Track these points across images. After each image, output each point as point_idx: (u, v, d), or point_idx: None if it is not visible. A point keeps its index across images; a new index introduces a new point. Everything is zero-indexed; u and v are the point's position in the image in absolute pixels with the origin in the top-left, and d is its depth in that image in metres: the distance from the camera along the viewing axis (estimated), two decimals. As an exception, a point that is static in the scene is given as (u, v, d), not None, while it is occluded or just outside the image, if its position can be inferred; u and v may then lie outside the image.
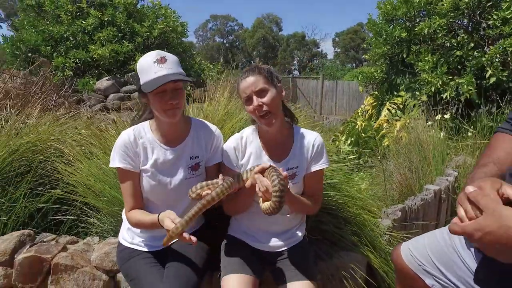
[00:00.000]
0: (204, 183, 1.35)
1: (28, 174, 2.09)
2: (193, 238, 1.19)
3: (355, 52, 37.54)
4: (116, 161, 1.40)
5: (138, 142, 1.43)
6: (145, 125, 1.48)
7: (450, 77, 4.65)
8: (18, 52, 8.21)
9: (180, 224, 1.19)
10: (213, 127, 1.55)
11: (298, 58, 40.66)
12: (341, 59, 38.64)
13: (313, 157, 1.47)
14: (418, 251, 1.27)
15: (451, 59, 4.72)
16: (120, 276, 1.64)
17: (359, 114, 6.58)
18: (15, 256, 1.73)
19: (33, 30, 8.37)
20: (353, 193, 1.95)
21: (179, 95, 1.36)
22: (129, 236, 1.50)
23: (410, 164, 3.28)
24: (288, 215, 1.49)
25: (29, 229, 1.90)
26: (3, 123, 2.54)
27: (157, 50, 1.39)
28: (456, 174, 3.11)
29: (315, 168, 1.46)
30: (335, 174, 1.93)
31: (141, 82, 1.36)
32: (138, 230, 1.49)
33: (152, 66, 1.33)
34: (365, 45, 6.49)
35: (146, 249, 1.47)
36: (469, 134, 3.96)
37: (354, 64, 36.26)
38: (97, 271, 1.65)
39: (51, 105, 3.97)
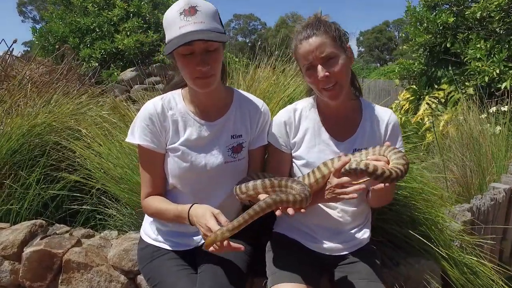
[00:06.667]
0: (259, 182, 1.03)
1: (42, 157, 1.87)
2: (240, 246, 0.95)
3: (380, 51, 36.58)
4: (136, 136, 1.13)
5: (167, 115, 1.15)
6: (177, 93, 1.19)
7: (510, 65, 4.18)
8: (46, 44, 8.27)
9: (232, 226, 0.92)
10: (260, 102, 1.25)
11: (321, 57, 39.98)
12: (364, 59, 37.75)
13: (388, 138, 1.16)
14: None
15: (509, 44, 4.24)
16: (141, 278, 1.37)
17: (394, 109, 6.21)
18: (24, 250, 1.51)
19: (61, 22, 8.43)
20: (419, 185, 1.60)
21: (212, 59, 1.04)
22: (153, 232, 1.23)
23: (463, 160, 2.89)
24: (354, 208, 1.18)
25: (41, 219, 1.67)
26: (22, 107, 2.36)
27: None
28: (524, 173, 2.69)
29: None
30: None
31: (166, 40, 1.08)
32: (165, 225, 1.22)
33: (176, 20, 1.02)
34: (402, 35, 6.01)
35: (173, 248, 1.19)
36: (533, 128, 3.50)
37: (378, 64, 35.35)
38: (114, 271, 1.39)
39: (74, 92, 3.84)
